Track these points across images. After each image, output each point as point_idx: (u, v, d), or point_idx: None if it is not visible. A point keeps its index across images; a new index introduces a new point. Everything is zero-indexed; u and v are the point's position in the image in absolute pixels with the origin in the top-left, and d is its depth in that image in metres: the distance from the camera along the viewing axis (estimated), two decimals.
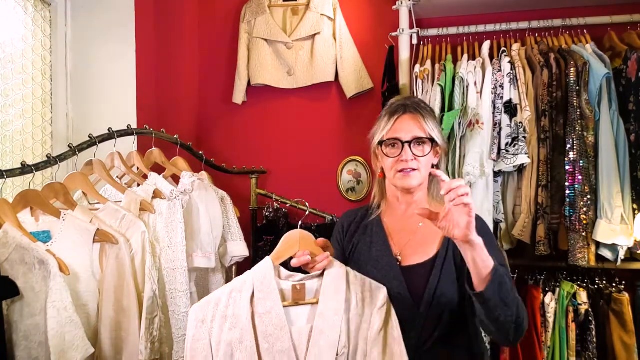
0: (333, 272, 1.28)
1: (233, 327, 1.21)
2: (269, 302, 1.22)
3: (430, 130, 1.42)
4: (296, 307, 1.26)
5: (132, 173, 1.84)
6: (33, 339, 1.32)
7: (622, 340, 1.96)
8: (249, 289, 1.24)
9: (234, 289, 1.25)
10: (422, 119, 1.42)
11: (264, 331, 1.21)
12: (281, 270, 1.28)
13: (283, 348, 1.20)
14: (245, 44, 2.62)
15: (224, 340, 1.20)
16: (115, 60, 2.35)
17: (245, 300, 1.23)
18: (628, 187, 1.93)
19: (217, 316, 1.22)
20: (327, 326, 1.22)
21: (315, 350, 1.21)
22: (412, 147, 1.41)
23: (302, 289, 1.26)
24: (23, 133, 2.15)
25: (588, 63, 1.95)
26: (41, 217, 1.51)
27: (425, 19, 2.44)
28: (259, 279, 1.25)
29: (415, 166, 1.41)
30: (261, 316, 1.22)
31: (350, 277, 1.28)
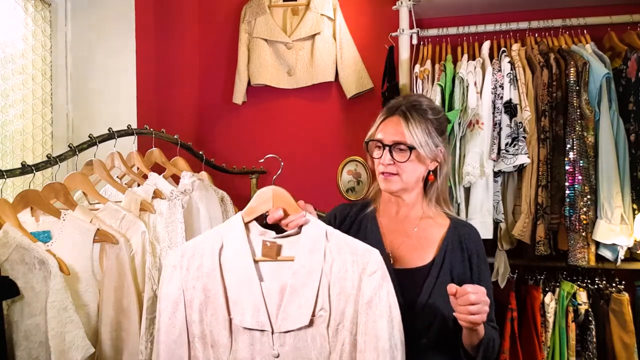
0: (310, 230, 1.21)
1: (202, 276, 1.20)
2: (237, 256, 1.20)
3: (413, 136, 1.36)
4: (269, 264, 1.21)
5: (132, 173, 1.84)
6: (33, 339, 1.32)
7: (622, 340, 1.96)
8: (219, 241, 1.22)
9: (205, 240, 1.24)
10: (408, 124, 1.37)
11: (231, 283, 1.19)
12: (254, 227, 1.25)
13: (252, 302, 1.17)
14: (245, 44, 2.62)
15: (194, 287, 1.20)
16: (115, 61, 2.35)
17: (215, 253, 1.21)
18: (628, 187, 1.93)
19: (187, 263, 1.21)
20: (301, 285, 1.16)
21: (288, 308, 1.16)
22: (394, 151, 1.38)
23: (273, 246, 1.21)
24: (23, 133, 2.15)
25: (588, 63, 1.95)
26: (41, 217, 1.51)
27: (425, 19, 2.44)
28: (228, 233, 1.23)
29: (393, 171, 1.38)
30: (230, 269, 1.20)
31: (331, 237, 1.21)
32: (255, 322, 1.16)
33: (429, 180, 1.46)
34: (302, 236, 1.21)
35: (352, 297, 1.16)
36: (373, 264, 1.17)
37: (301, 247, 1.19)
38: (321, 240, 1.20)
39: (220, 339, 1.18)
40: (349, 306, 1.16)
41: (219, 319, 1.18)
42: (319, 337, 1.16)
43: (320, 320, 1.16)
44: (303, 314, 1.15)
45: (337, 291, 1.17)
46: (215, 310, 1.19)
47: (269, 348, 1.17)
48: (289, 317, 1.16)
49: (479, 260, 1.40)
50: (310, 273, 1.17)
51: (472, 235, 1.43)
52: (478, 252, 1.40)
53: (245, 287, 1.18)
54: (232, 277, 1.19)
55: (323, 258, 1.18)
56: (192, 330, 1.20)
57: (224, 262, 1.20)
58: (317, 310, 1.16)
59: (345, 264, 1.18)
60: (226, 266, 1.20)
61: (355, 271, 1.17)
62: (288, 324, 1.16)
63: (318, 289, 1.16)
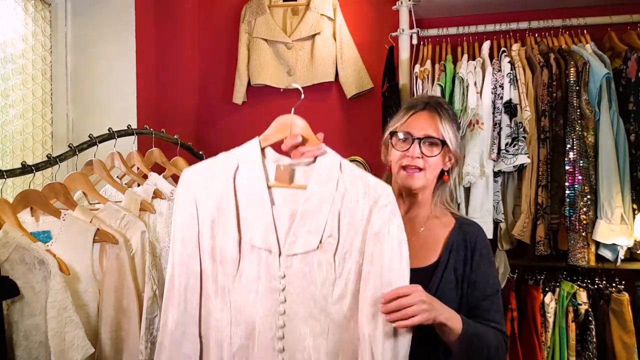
0: (325, 160, 1.23)
1: (216, 194, 1.22)
2: (251, 178, 1.22)
3: (445, 132, 1.38)
4: (282, 189, 1.23)
5: (132, 173, 1.84)
6: (33, 339, 1.32)
7: (622, 340, 1.96)
8: (235, 163, 1.24)
9: (220, 160, 1.26)
10: (439, 119, 1.38)
11: (244, 204, 1.21)
12: (270, 152, 1.26)
13: (263, 224, 1.19)
14: (245, 44, 2.62)
15: (208, 205, 1.22)
16: (115, 61, 2.35)
17: (230, 173, 1.23)
18: (628, 187, 1.93)
19: (202, 182, 1.23)
20: (312, 211, 1.18)
21: (298, 232, 1.18)
22: (422, 145, 1.37)
23: (286, 170, 1.23)
24: (23, 133, 2.15)
25: (588, 63, 1.95)
26: (41, 217, 1.51)
27: (425, 19, 2.44)
28: (244, 155, 1.25)
29: (420, 165, 1.37)
30: (243, 191, 1.22)
31: (345, 169, 1.23)
32: (264, 242, 1.19)
33: (444, 181, 1.46)
34: (317, 165, 1.22)
35: (361, 227, 1.19)
36: (385, 198, 1.19)
37: (315, 176, 1.21)
38: (335, 170, 1.22)
39: (229, 256, 1.20)
40: (357, 236, 1.19)
41: (229, 237, 1.20)
42: (325, 263, 1.18)
43: (328, 247, 1.18)
44: (311, 239, 1.18)
45: (347, 221, 1.19)
46: (227, 229, 1.21)
47: (276, 269, 1.18)
48: (297, 240, 1.18)
49: (480, 258, 1.39)
50: (322, 201, 1.19)
51: (476, 234, 1.42)
52: (481, 251, 1.39)
53: (256, 209, 1.20)
54: (245, 198, 1.21)
55: (335, 187, 1.20)
56: (202, 245, 1.22)
57: (238, 184, 1.22)
58: (325, 237, 1.18)
59: (357, 195, 1.20)
60: (240, 187, 1.22)
61: (366, 203, 1.19)
62: (296, 247, 1.18)
63: (328, 216, 1.18)
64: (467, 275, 1.37)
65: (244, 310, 1.20)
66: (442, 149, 1.38)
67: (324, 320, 1.18)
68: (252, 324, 1.19)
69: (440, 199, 1.47)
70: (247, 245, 1.20)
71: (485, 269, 1.38)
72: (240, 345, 1.20)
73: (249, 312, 1.19)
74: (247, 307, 1.19)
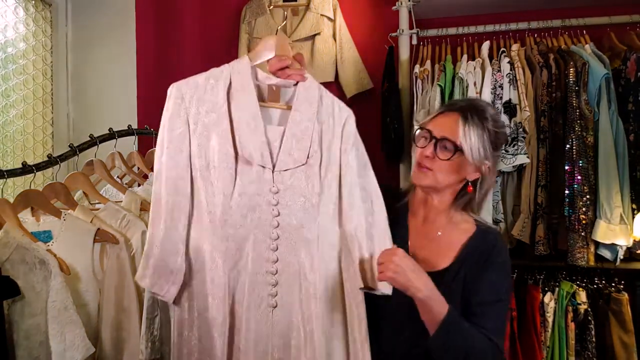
0: (307, 84, 1.32)
1: (210, 112, 1.24)
2: (244, 95, 1.26)
3: (465, 138, 1.31)
4: (270, 109, 1.32)
5: (133, 173, 1.85)
6: (34, 339, 1.33)
7: (622, 340, 1.96)
8: (227, 79, 1.27)
9: (212, 76, 1.28)
10: (464, 124, 1.31)
11: (238, 120, 1.24)
12: (258, 72, 1.31)
13: (257, 140, 1.24)
14: (246, 44, 2.62)
15: (201, 121, 1.24)
16: (116, 61, 2.36)
17: (223, 90, 1.26)
18: (627, 187, 1.93)
19: (194, 97, 1.25)
20: (299, 130, 1.28)
21: (287, 149, 1.27)
22: (438, 146, 1.32)
23: (278, 90, 1.32)
24: (24, 133, 2.16)
25: (587, 63, 1.95)
26: (42, 217, 1.52)
27: (425, 20, 2.44)
28: (236, 73, 1.28)
29: (429, 165, 1.34)
30: (237, 106, 1.25)
31: (322, 92, 1.35)
32: (259, 158, 1.24)
33: (468, 192, 1.38)
34: (300, 87, 1.31)
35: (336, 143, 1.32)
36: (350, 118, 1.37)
37: (300, 97, 1.31)
38: (315, 94, 1.33)
39: (224, 174, 1.23)
40: (334, 151, 1.32)
41: (225, 154, 1.23)
42: (312, 176, 1.28)
43: (313, 162, 1.29)
44: (300, 155, 1.27)
45: (326, 137, 1.32)
46: (222, 146, 1.23)
47: (270, 184, 1.25)
48: (288, 156, 1.27)
49: (491, 266, 1.32)
50: (307, 120, 1.29)
51: (493, 242, 1.35)
52: (494, 259, 1.32)
53: (250, 127, 1.25)
54: (239, 116, 1.25)
55: (317, 109, 1.31)
56: (195, 164, 1.24)
57: (232, 101, 1.26)
58: (311, 153, 1.28)
59: (333, 116, 1.34)
60: (234, 105, 1.26)
61: (338, 122, 1.34)
62: (287, 163, 1.27)
63: (312, 134, 1.29)
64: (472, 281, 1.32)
65: (240, 226, 1.24)
66: (455, 155, 1.31)
67: (314, 228, 1.27)
68: (247, 238, 1.24)
69: (459, 207, 1.40)
70: (242, 162, 1.24)
71: (492, 277, 1.31)
72: (235, 260, 1.24)
73: (245, 228, 1.24)
74: (243, 223, 1.24)
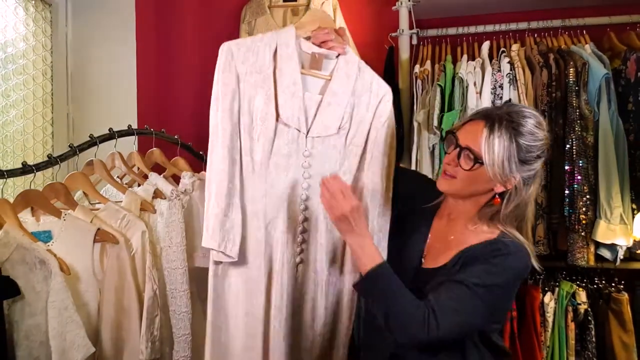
0: (348, 58, 1.40)
1: (256, 72, 1.34)
2: (288, 61, 1.35)
3: (486, 150, 1.22)
4: (311, 77, 1.39)
5: (133, 173, 1.84)
6: (34, 339, 1.32)
7: (622, 340, 1.96)
8: (273, 45, 1.36)
9: (259, 39, 1.37)
10: (489, 136, 1.22)
11: (282, 84, 1.34)
12: (302, 41, 1.39)
13: (296, 105, 1.34)
14: None
15: (247, 80, 1.34)
16: (116, 61, 2.36)
17: (269, 53, 1.35)
18: (627, 187, 1.94)
19: (243, 57, 1.35)
20: (335, 101, 1.37)
21: (322, 118, 1.36)
22: (462, 154, 1.26)
23: (320, 60, 1.39)
24: (24, 133, 2.16)
25: (587, 63, 1.96)
26: (42, 217, 1.52)
27: (425, 20, 2.44)
28: (282, 39, 1.37)
29: (452, 172, 1.29)
30: (281, 70, 1.34)
31: (361, 66, 1.42)
32: (296, 122, 1.34)
33: (494, 204, 1.29)
34: (341, 60, 1.40)
35: (368, 117, 1.42)
36: (388, 95, 1.44)
37: (340, 69, 1.39)
38: (355, 67, 1.41)
39: (267, 133, 1.33)
40: (364, 125, 1.41)
41: (268, 114, 1.33)
42: (339, 146, 1.39)
43: (342, 132, 1.39)
44: (332, 124, 1.37)
45: (359, 111, 1.40)
46: (265, 105, 1.33)
47: (303, 148, 1.37)
48: (321, 125, 1.36)
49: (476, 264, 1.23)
50: (343, 92, 1.38)
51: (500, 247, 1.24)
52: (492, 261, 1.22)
53: (290, 91, 1.34)
54: (282, 81, 1.34)
55: (354, 82, 1.39)
56: (242, 121, 1.35)
57: (277, 66, 1.35)
58: (342, 123, 1.38)
59: (370, 91, 1.42)
60: (279, 70, 1.35)
61: (374, 98, 1.42)
62: (320, 130, 1.37)
63: (346, 106, 1.38)
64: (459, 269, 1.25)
65: (277, 184, 1.35)
66: (474, 166, 1.24)
67: None
68: (282, 196, 1.36)
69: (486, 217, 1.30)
70: (282, 124, 1.34)
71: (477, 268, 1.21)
72: (272, 216, 1.35)
73: (281, 186, 1.35)
74: (279, 182, 1.35)
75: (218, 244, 1.31)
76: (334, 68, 1.39)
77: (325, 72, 1.40)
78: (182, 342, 1.62)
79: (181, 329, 1.63)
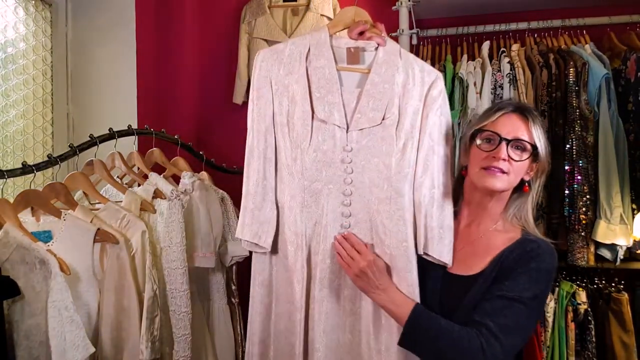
0: (388, 48, 1.39)
1: (290, 73, 1.37)
2: (322, 59, 1.37)
3: (537, 136, 1.28)
4: (349, 72, 1.39)
5: (133, 173, 1.85)
6: (34, 339, 1.33)
7: (622, 340, 1.96)
8: (306, 46, 1.39)
9: (292, 43, 1.41)
10: (531, 123, 1.29)
11: (316, 82, 1.36)
12: (337, 38, 1.40)
13: (332, 100, 1.34)
14: (246, 44, 2.62)
15: (282, 82, 1.38)
16: (116, 61, 2.35)
17: (302, 54, 1.38)
18: (627, 187, 1.94)
19: (276, 60, 1.39)
20: (376, 92, 1.35)
21: (363, 109, 1.34)
22: (510, 147, 1.27)
23: (357, 52, 1.39)
24: (24, 133, 2.16)
25: (587, 63, 1.95)
26: (42, 217, 1.52)
27: (425, 20, 2.44)
28: (315, 40, 1.39)
29: (505, 168, 1.27)
30: (315, 69, 1.36)
31: (403, 55, 1.40)
32: (334, 118, 1.34)
33: (523, 191, 1.34)
34: (380, 52, 1.39)
35: (418, 106, 1.37)
36: (438, 81, 1.40)
37: (378, 60, 1.38)
38: (396, 56, 1.39)
39: (301, 131, 1.35)
40: (414, 115, 1.36)
41: (303, 113, 1.34)
42: (387, 137, 1.34)
43: (389, 123, 1.34)
44: (375, 115, 1.34)
45: (406, 100, 1.36)
46: (301, 105, 1.35)
47: (344, 143, 1.35)
48: (362, 117, 1.34)
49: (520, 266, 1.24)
50: (384, 82, 1.36)
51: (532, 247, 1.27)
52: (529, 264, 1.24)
53: (327, 89, 1.35)
54: (317, 79, 1.36)
55: (396, 71, 1.37)
56: (277, 120, 1.38)
57: (310, 65, 1.37)
58: (387, 114, 1.34)
59: (415, 78, 1.38)
60: (312, 68, 1.37)
61: (422, 85, 1.38)
62: (361, 122, 1.34)
63: (389, 96, 1.35)
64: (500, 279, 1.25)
65: (315, 180, 1.35)
66: (531, 155, 1.28)
67: (387, 188, 1.34)
68: (322, 192, 1.35)
69: (517, 213, 1.34)
70: (318, 121, 1.35)
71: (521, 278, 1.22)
72: (312, 212, 1.36)
73: (320, 182, 1.35)
74: (319, 177, 1.35)
75: (252, 235, 1.37)
76: (373, 60, 1.38)
77: (363, 66, 1.40)
78: (182, 342, 1.63)
79: (181, 329, 1.63)
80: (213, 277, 1.94)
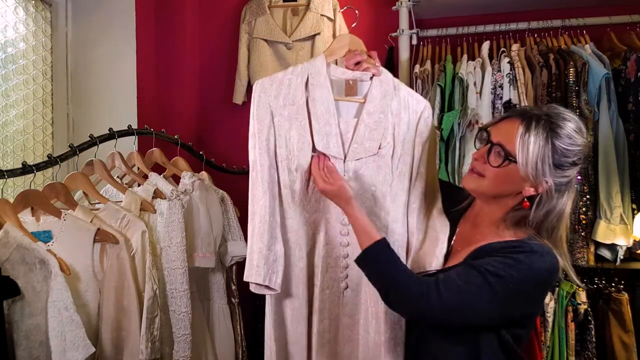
0: (382, 78, 1.41)
1: (290, 104, 1.37)
2: (320, 89, 1.37)
3: (520, 147, 1.18)
4: (347, 102, 1.41)
5: (133, 173, 1.85)
6: (34, 339, 1.33)
7: (622, 340, 1.96)
8: (304, 75, 1.39)
9: (291, 72, 1.40)
10: (525, 134, 1.18)
11: (315, 113, 1.36)
12: (334, 67, 1.41)
13: (330, 132, 1.35)
14: (246, 44, 2.62)
15: (281, 113, 1.37)
16: (116, 60, 2.35)
17: (301, 85, 1.38)
18: (627, 187, 1.94)
19: (275, 91, 1.38)
20: (372, 121, 1.37)
21: (359, 139, 1.36)
22: (492, 151, 1.22)
23: (355, 85, 1.41)
24: (24, 133, 2.15)
25: (587, 63, 1.95)
26: (42, 217, 1.52)
27: (425, 20, 2.44)
28: (313, 69, 1.39)
29: (479, 169, 1.25)
30: (314, 100, 1.36)
31: (396, 85, 1.42)
32: (332, 149, 1.35)
33: (523, 207, 1.25)
34: (375, 82, 1.40)
35: (410, 135, 1.40)
36: (427, 111, 1.43)
37: (374, 91, 1.39)
38: (390, 86, 1.41)
39: (302, 162, 1.35)
40: (407, 143, 1.39)
41: (304, 145, 1.35)
42: (384, 166, 1.37)
43: (385, 152, 1.37)
44: (372, 145, 1.36)
45: (400, 130, 1.39)
46: (301, 136, 1.35)
47: (340, 172, 1.35)
48: (359, 146, 1.36)
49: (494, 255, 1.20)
50: (380, 112, 1.38)
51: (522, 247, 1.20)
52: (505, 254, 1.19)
53: (324, 119, 1.35)
54: (315, 110, 1.36)
55: (391, 101, 1.39)
56: (278, 154, 1.37)
57: (310, 95, 1.37)
58: (383, 144, 1.36)
59: (408, 108, 1.41)
60: (311, 99, 1.37)
61: (413, 115, 1.41)
62: (358, 152, 1.36)
63: (385, 125, 1.37)
64: None
65: (315, 211, 1.37)
66: (504, 162, 1.20)
67: (383, 216, 1.36)
68: (320, 223, 1.37)
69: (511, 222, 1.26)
70: (317, 152, 1.35)
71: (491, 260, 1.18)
72: (312, 244, 1.38)
73: (319, 213, 1.37)
74: (317, 208, 1.37)
75: (263, 278, 1.33)
76: (369, 90, 1.40)
77: (359, 96, 1.41)
78: (182, 342, 1.63)
79: (181, 329, 1.63)
80: (213, 277, 1.94)
